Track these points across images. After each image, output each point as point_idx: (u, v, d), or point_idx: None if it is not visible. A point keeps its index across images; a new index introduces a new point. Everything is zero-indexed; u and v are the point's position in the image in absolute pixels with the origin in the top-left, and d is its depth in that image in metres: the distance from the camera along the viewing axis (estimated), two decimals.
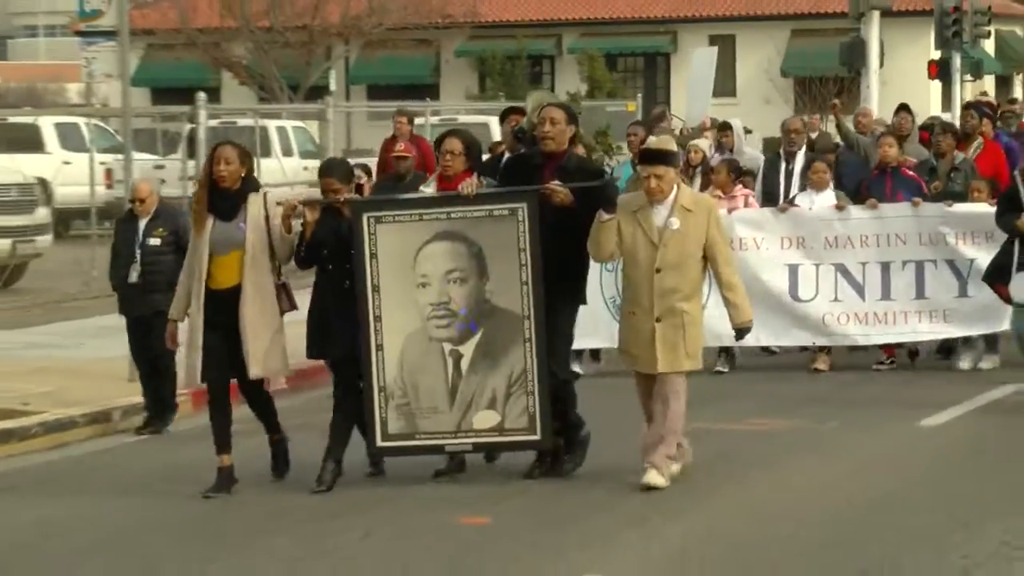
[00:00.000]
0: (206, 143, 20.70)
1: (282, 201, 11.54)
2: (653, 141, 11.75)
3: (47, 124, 34.42)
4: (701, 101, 23.75)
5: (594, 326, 14.82)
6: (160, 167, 29.33)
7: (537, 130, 11.53)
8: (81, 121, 35.28)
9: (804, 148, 17.60)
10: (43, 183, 28.76)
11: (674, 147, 11.53)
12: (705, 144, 18.58)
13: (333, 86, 52.68)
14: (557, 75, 55.71)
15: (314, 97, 47.16)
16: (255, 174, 12.52)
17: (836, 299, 15.81)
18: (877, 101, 32.90)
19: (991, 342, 15.92)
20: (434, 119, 35.40)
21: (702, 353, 11.50)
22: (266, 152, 31.38)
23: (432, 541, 10.33)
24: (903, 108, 19.79)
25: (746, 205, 16.28)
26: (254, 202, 11.32)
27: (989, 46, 50.60)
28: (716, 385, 15.47)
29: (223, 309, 11.17)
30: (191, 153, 22.19)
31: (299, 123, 37.38)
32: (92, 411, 14.64)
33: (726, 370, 16.16)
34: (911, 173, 16.12)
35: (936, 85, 38.89)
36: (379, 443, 11.23)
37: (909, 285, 15.64)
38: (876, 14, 34.73)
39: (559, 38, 56.92)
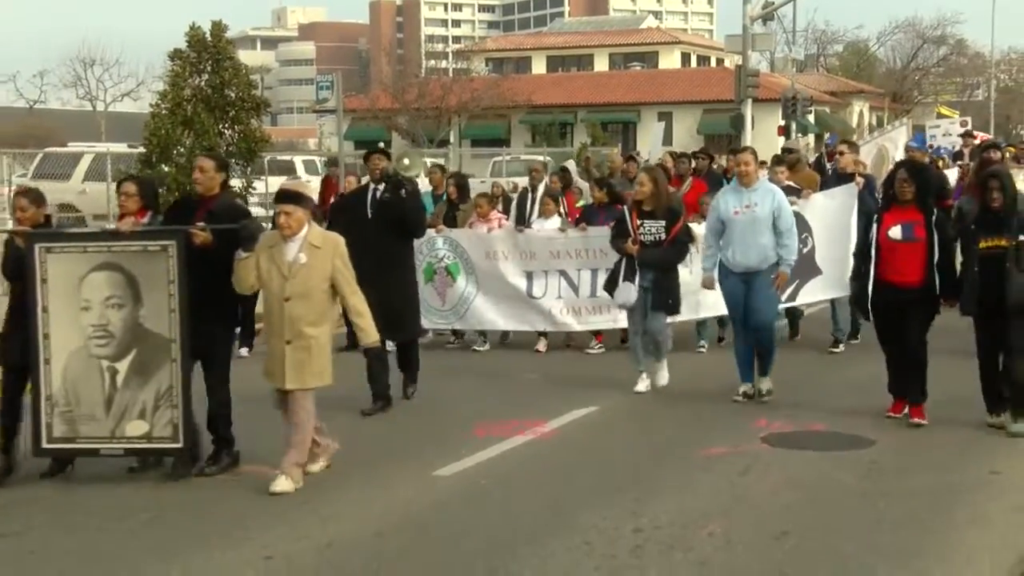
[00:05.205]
0: None
1: None
2: (287, 184, 7.53)
3: (298, 161, 34.04)
4: (656, 150, 23.42)
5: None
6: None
7: (193, 176, 8.08)
8: (316, 158, 34.93)
9: (543, 183, 13.97)
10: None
11: (305, 191, 7.76)
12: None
13: (452, 139, 52.32)
14: (575, 134, 54.25)
15: (442, 146, 47.01)
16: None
17: (559, 296, 12.49)
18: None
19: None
20: (507, 158, 35.23)
21: (331, 372, 7.53)
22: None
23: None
24: (631, 158, 15.71)
25: (500, 227, 12.92)
26: None
27: (812, 117, 49.89)
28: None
29: None
30: None
31: (435, 160, 36.98)
32: None
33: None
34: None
35: (781, 139, 38.21)
36: (44, 444, 7.67)
37: None
38: (750, 100, 34.21)
39: (576, 113, 55.64)
